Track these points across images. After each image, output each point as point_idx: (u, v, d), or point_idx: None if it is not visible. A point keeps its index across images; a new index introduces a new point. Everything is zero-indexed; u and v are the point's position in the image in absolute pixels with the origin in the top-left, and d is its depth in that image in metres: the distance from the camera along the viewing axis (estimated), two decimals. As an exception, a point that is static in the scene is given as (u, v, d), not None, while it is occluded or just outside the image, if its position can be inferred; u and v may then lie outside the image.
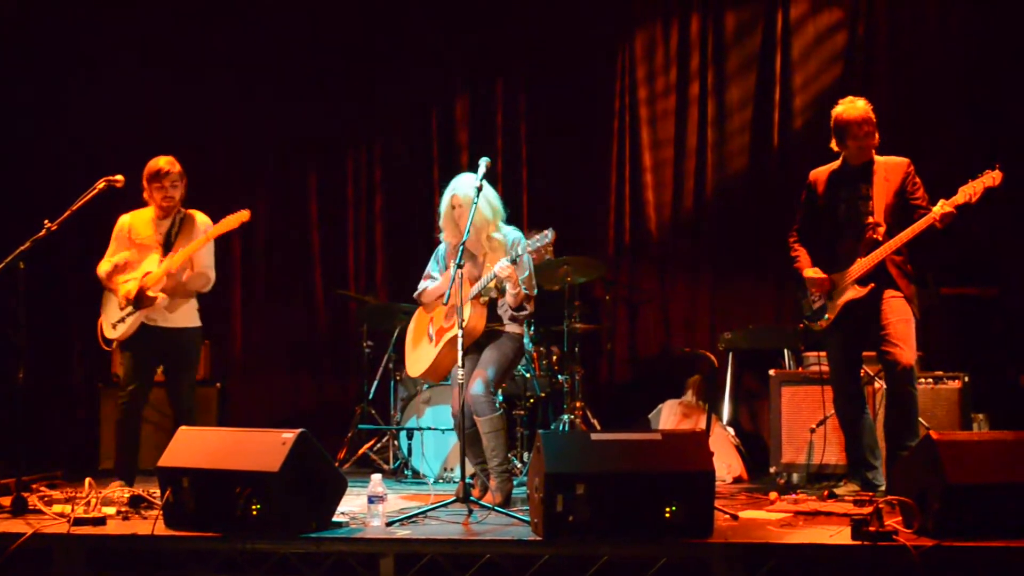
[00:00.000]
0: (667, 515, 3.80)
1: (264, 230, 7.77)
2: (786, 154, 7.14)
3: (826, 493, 5.02)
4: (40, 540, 4.02)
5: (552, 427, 6.40)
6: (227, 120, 7.86)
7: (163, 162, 5.43)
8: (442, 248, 5.23)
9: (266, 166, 7.89)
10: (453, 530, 4.14)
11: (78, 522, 4.13)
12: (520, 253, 4.74)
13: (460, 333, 4.57)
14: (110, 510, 4.41)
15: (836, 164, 5.14)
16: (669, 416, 6.48)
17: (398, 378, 6.77)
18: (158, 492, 4.30)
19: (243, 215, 5.39)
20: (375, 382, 7.13)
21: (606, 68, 7.54)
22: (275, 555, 3.93)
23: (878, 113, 5.00)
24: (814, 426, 5.73)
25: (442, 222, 5.09)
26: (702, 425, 6.00)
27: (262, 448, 4.04)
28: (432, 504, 4.55)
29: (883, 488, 4.88)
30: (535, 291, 5.04)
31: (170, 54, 7.74)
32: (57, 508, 4.45)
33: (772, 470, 5.95)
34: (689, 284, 7.39)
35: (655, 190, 7.46)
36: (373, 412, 6.99)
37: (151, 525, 4.09)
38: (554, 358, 6.61)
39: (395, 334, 6.90)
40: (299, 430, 4.06)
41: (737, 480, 6.07)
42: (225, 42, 7.86)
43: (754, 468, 6.23)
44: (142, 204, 5.53)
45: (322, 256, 7.86)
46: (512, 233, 5.02)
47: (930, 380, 5.72)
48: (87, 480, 4.58)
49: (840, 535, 3.84)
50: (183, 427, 4.44)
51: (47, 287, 7.35)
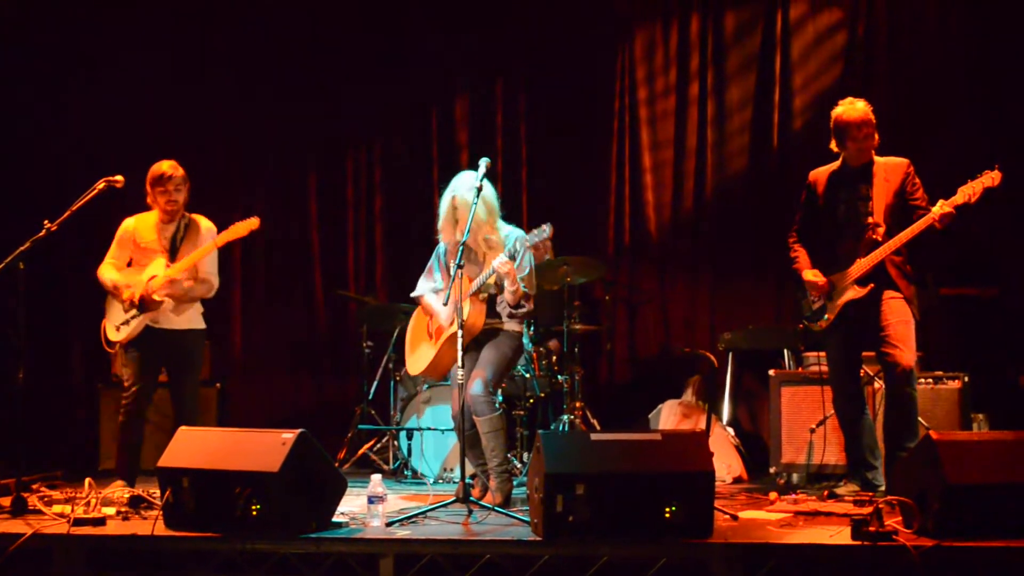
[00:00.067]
0: (667, 515, 3.80)
1: (264, 230, 7.73)
2: (786, 155, 7.14)
3: (826, 493, 5.01)
4: (40, 540, 4.02)
5: (552, 427, 6.40)
6: (227, 120, 7.85)
7: (166, 167, 5.40)
8: (442, 247, 5.22)
9: (266, 166, 7.88)
10: (453, 530, 4.14)
11: (78, 522, 4.13)
12: (519, 249, 4.74)
13: (460, 332, 4.57)
14: (110, 510, 4.41)
15: (836, 165, 5.14)
16: (669, 416, 6.48)
17: (398, 378, 6.77)
18: (158, 492, 4.30)
19: (252, 223, 5.37)
20: (375, 382, 7.13)
21: (606, 68, 7.53)
22: (275, 555, 3.93)
23: (878, 113, 5.00)
24: (814, 426, 5.73)
25: (441, 223, 5.08)
26: (702, 425, 5.99)
27: (262, 448, 4.04)
28: (432, 504, 4.55)
29: (883, 488, 4.88)
30: (535, 290, 5.04)
31: (170, 54, 7.74)
32: (57, 508, 4.44)
33: (772, 470, 5.95)
34: (689, 284, 7.38)
35: (655, 190, 7.46)
36: (373, 412, 6.99)
37: (151, 525, 4.09)
38: (554, 358, 6.61)
39: (395, 334, 6.90)
40: (299, 430, 4.06)
41: (737, 480, 6.07)
42: (225, 42, 7.86)
43: (754, 468, 6.22)
44: (142, 205, 5.51)
45: (322, 256, 7.85)
46: (512, 232, 5.02)
47: (930, 380, 5.72)
48: (87, 480, 4.57)
49: (840, 535, 3.84)
50: (183, 427, 4.44)
51: (47, 287, 7.33)
